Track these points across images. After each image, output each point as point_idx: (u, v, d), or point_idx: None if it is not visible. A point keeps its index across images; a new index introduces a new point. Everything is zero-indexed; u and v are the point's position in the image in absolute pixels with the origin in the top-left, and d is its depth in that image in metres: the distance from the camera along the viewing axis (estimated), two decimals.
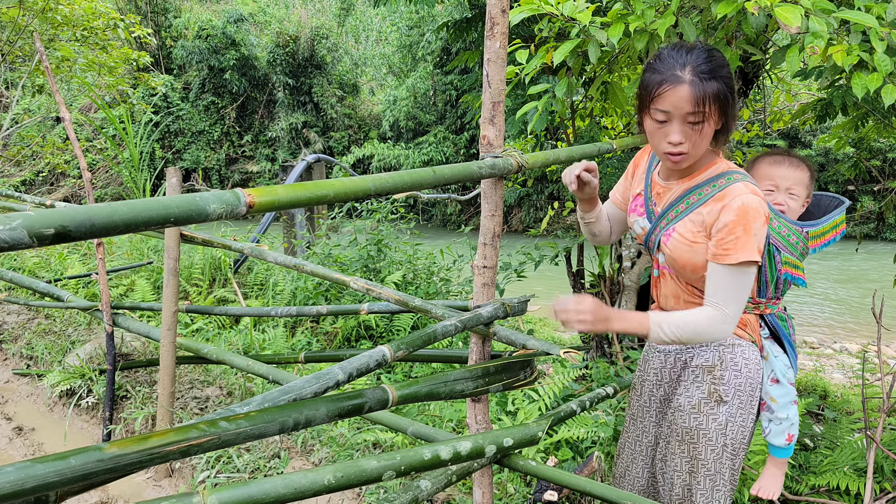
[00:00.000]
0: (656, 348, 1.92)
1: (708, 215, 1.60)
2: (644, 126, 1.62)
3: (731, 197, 1.55)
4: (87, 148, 12.45)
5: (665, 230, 1.71)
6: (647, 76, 1.56)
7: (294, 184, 1.25)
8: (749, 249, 1.53)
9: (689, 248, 1.64)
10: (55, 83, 3.41)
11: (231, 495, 1.16)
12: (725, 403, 1.73)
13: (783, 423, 1.84)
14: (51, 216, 0.90)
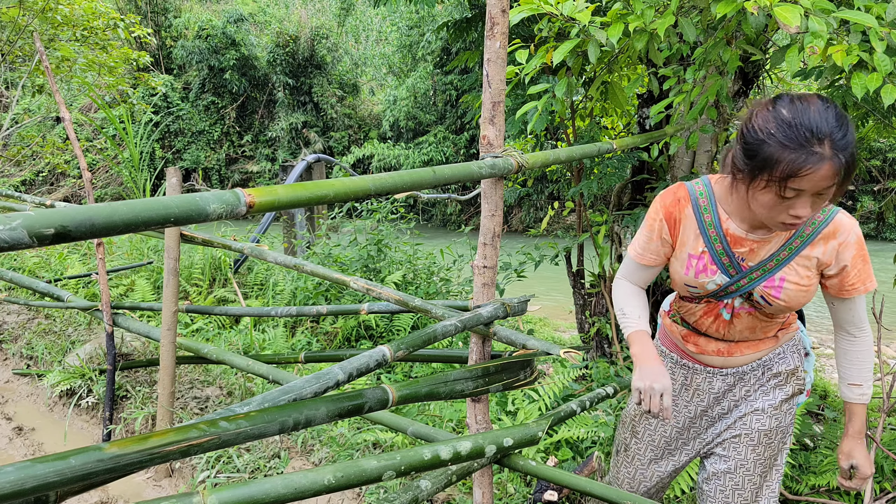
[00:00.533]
0: (714, 371, 1.83)
1: (823, 255, 1.55)
2: (756, 196, 1.45)
3: (845, 233, 1.54)
4: (87, 148, 12.45)
5: (762, 280, 1.60)
6: (772, 149, 1.37)
7: (294, 184, 1.25)
8: (872, 276, 1.61)
9: (805, 292, 1.59)
10: (55, 83, 3.41)
11: (231, 495, 1.16)
12: (803, 393, 1.84)
13: (808, 386, 1.95)
14: (51, 216, 0.90)
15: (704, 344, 1.80)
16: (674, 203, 1.67)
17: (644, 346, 1.65)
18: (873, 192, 16.81)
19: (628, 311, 1.76)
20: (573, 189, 3.48)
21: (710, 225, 1.62)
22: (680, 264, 1.68)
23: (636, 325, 1.71)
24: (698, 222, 1.64)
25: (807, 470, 2.96)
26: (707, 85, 2.58)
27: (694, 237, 1.65)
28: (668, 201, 1.68)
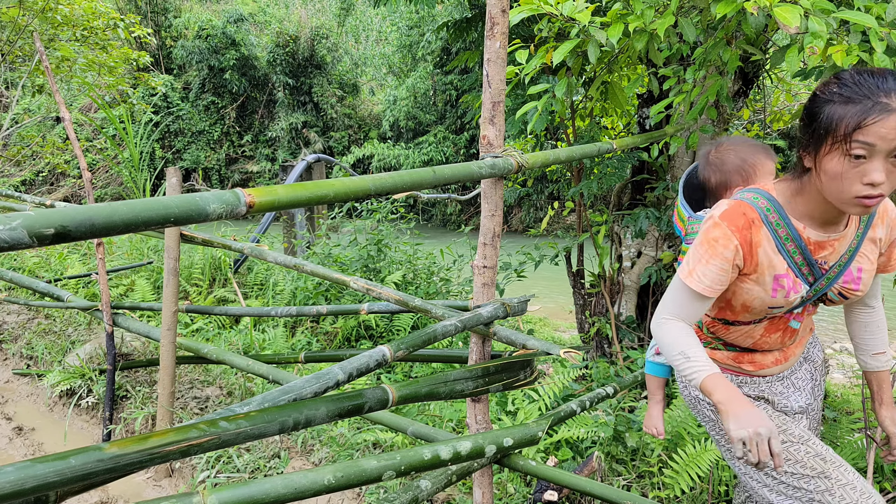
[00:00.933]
0: (774, 378, 1.76)
1: (884, 234, 1.54)
2: (824, 167, 1.33)
3: (893, 209, 1.55)
4: (87, 148, 12.45)
5: (839, 277, 1.53)
6: (834, 108, 1.29)
7: (294, 184, 1.25)
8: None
9: (873, 275, 1.57)
10: (55, 83, 3.41)
11: (231, 495, 1.16)
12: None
13: None
14: (51, 216, 0.90)
15: (761, 359, 1.70)
16: (746, 226, 1.49)
17: (729, 390, 1.42)
18: None
19: (692, 353, 1.49)
20: (573, 189, 3.48)
21: (786, 239, 1.50)
22: (763, 289, 1.53)
23: (708, 368, 1.47)
24: (775, 240, 1.50)
25: None
26: (707, 85, 2.58)
27: (775, 257, 1.51)
28: (740, 224, 1.48)
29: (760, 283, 1.52)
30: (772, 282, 1.51)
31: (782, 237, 1.49)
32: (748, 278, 1.52)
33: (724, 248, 1.48)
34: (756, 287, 1.53)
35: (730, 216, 1.49)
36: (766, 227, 1.49)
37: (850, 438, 3.15)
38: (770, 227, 1.49)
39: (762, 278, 1.51)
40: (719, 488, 2.73)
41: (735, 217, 1.48)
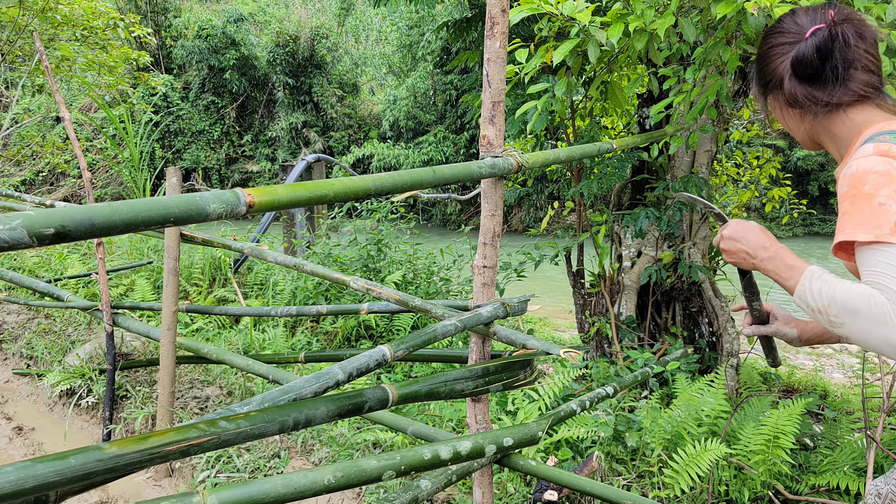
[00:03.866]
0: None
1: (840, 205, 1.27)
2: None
3: (848, 165, 1.20)
4: (87, 147, 12.45)
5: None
6: None
7: (294, 184, 1.25)
8: (856, 223, 1.12)
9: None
10: (55, 83, 3.41)
11: (231, 495, 1.16)
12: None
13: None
14: (50, 216, 0.90)
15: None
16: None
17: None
18: None
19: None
20: (573, 189, 3.48)
21: None
22: None
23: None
24: None
25: (807, 470, 2.96)
26: (707, 85, 2.58)
27: None
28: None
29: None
30: None
31: None
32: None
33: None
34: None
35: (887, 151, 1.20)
36: None
37: (850, 438, 3.15)
38: None
39: None
40: (719, 488, 2.73)
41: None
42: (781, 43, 1.32)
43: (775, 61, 1.32)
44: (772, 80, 1.34)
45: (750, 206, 16.83)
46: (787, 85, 1.30)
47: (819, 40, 1.25)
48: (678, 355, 3.27)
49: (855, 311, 1.07)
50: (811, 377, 4.94)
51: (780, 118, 1.41)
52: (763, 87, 1.38)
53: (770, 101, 1.40)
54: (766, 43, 1.36)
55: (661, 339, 3.84)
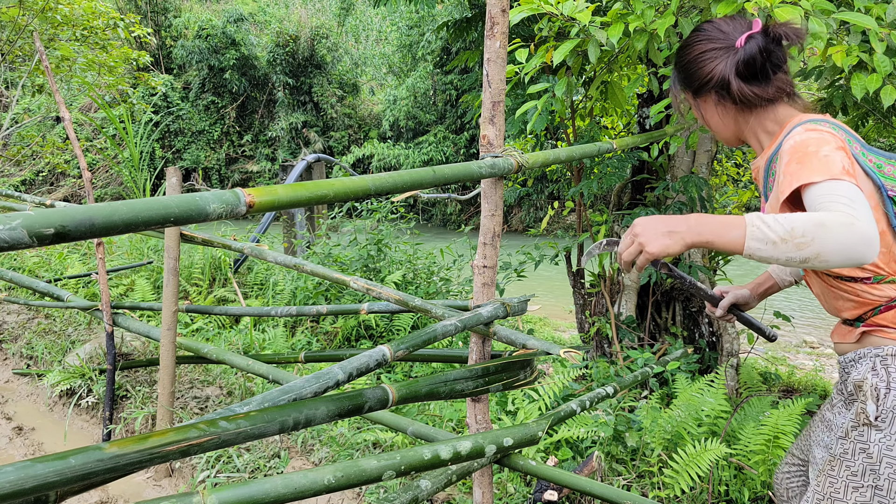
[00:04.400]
0: (838, 361, 1.52)
1: (777, 185, 1.35)
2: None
3: (787, 144, 1.32)
4: (87, 147, 12.45)
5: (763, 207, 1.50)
6: None
7: (294, 183, 1.25)
8: (810, 171, 1.20)
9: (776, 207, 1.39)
10: (55, 83, 3.41)
11: (231, 495, 1.16)
12: (878, 430, 1.34)
13: None
14: (50, 216, 0.90)
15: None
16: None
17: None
18: None
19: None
20: (573, 189, 3.48)
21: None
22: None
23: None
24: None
25: None
26: None
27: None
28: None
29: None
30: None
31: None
32: None
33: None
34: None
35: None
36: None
37: None
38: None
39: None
40: (719, 488, 2.73)
41: None
42: (712, 48, 1.44)
43: (710, 64, 1.44)
44: (708, 81, 1.45)
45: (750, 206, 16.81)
46: (734, 85, 1.40)
47: (761, 43, 1.37)
48: (678, 355, 3.27)
49: (821, 223, 1.11)
50: (811, 377, 4.94)
51: (706, 116, 1.53)
52: (694, 89, 1.50)
53: (700, 101, 1.51)
54: (694, 49, 1.48)
55: (661, 339, 3.84)
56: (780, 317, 3.96)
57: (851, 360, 1.44)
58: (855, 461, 1.37)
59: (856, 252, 1.10)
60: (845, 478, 1.38)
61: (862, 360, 1.41)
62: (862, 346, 1.41)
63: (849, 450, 1.38)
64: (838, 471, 1.40)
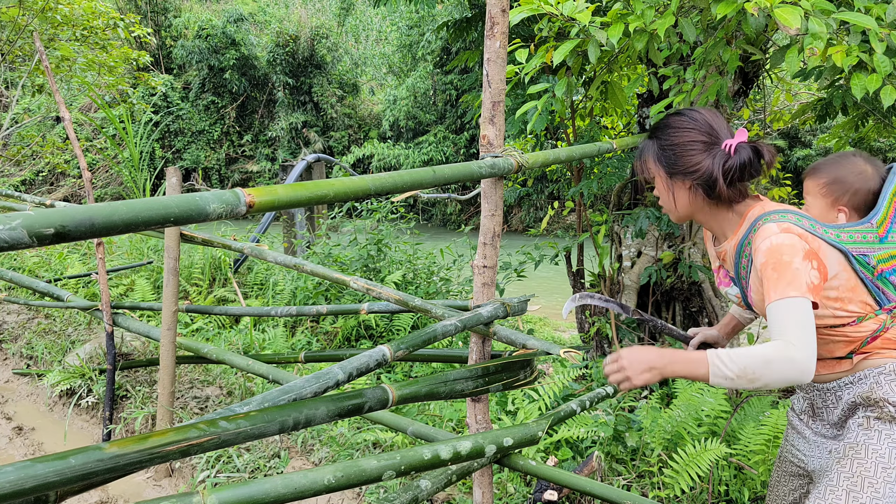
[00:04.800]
0: (815, 388, 1.72)
1: (755, 279, 1.57)
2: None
3: (761, 239, 1.52)
4: (87, 147, 12.45)
5: (747, 290, 1.66)
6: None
7: (294, 183, 1.25)
8: (785, 285, 1.44)
9: (763, 303, 1.57)
10: (55, 83, 3.41)
11: (231, 495, 1.16)
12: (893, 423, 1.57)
13: None
14: (50, 216, 0.90)
15: None
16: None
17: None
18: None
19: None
20: (573, 189, 3.48)
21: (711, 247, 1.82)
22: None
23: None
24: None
25: None
26: (707, 85, 2.58)
27: (713, 256, 1.81)
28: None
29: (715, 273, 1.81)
30: (715, 275, 1.81)
31: (709, 243, 1.82)
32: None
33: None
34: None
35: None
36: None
37: None
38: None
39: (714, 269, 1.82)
40: (719, 488, 2.73)
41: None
42: (701, 141, 1.59)
43: (697, 156, 1.59)
44: (693, 172, 1.59)
45: None
46: (719, 184, 1.56)
47: (750, 155, 1.55)
48: None
49: (767, 361, 1.39)
50: None
51: (673, 196, 1.66)
52: (674, 171, 1.62)
53: (673, 182, 1.64)
54: (683, 135, 1.61)
55: (661, 339, 3.84)
56: None
57: (847, 384, 1.65)
58: (882, 445, 1.56)
59: (794, 380, 1.41)
60: (875, 460, 1.56)
61: (862, 381, 1.62)
62: (858, 370, 1.63)
63: (873, 437, 1.57)
64: (865, 455, 1.57)
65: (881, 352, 1.61)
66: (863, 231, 1.67)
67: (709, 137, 1.59)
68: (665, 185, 1.65)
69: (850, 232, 1.66)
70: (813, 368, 1.40)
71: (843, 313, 1.58)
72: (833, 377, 1.68)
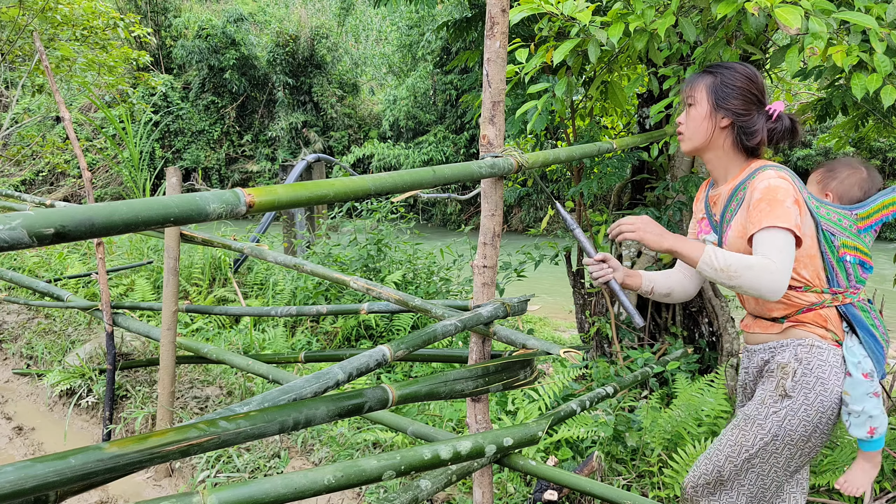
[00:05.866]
0: (745, 348, 1.97)
1: (744, 213, 1.75)
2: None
3: (759, 181, 1.72)
4: (86, 147, 12.45)
5: (726, 230, 1.83)
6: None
7: (294, 184, 1.25)
8: (775, 217, 1.63)
9: (740, 239, 1.76)
10: (55, 83, 3.41)
11: (231, 495, 1.16)
12: (790, 398, 1.77)
13: (861, 416, 1.80)
14: (50, 216, 0.90)
15: (744, 318, 1.98)
16: (701, 187, 2.08)
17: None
18: None
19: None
20: (573, 189, 3.48)
21: (706, 195, 2.00)
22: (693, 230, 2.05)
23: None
24: (704, 196, 2.02)
25: None
26: None
27: (700, 209, 2.02)
28: (700, 187, 2.09)
29: (698, 226, 2.01)
30: (698, 228, 2.00)
31: (706, 194, 2.00)
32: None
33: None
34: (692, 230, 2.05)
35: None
36: (705, 188, 2.04)
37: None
38: (706, 188, 2.03)
39: (697, 222, 2.02)
40: None
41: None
42: (756, 94, 1.81)
43: (749, 106, 1.81)
44: (742, 114, 1.80)
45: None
46: (757, 136, 1.80)
47: (787, 124, 1.82)
48: (678, 355, 3.27)
49: (750, 266, 1.62)
50: None
51: (708, 124, 1.84)
52: (723, 106, 1.81)
53: (717, 114, 1.82)
54: (746, 82, 1.81)
55: (661, 339, 3.84)
56: None
57: (773, 348, 1.85)
58: (767, 421, 1.79)
59: (765, 293, 1.62)
60: (755, 432, 1.79)
61: (786, 348, 1.81)
62: (785, 337, 1.83)
63: (762, 412, 1.80)
64: (751, 427, 1.81)
65: (809, 325, 1.79)
66: (841, 214, 1.85)
67: (761, 96, 1.80)
68: (704, 113, 1.82)
69: (829, 210, 1.84)
70: (783, 289, 1.60)
71: (795, 276, 1.75)
72: (763, 339, 1.89)
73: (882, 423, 1.83)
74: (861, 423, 1.81)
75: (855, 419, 1.81)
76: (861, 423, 1.81)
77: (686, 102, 1.85)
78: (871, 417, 1.81)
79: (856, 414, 1.80)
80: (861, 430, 1.83)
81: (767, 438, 1.79)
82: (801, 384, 1.76)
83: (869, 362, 1.80)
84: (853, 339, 1.82)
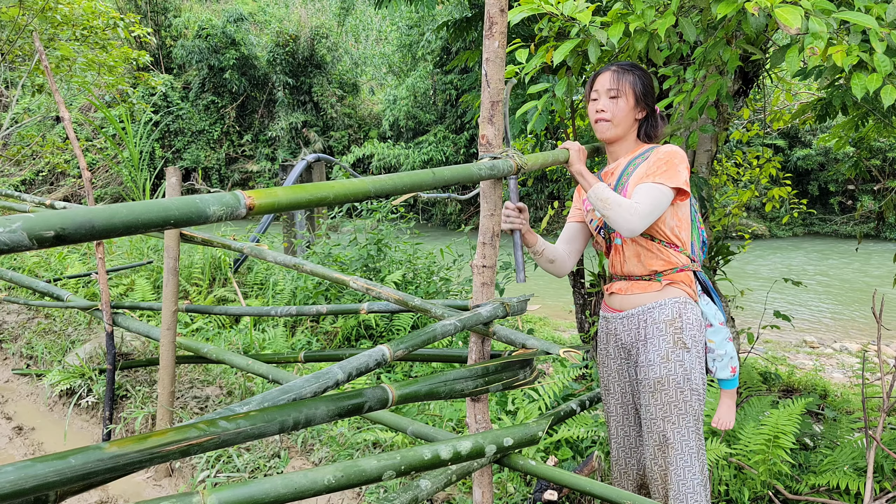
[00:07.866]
0: (617, 316, 2.16)
1: (646, 166, 2.02)
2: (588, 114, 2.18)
3: (661, 149, 2.03)
4: (86, 147, 12.45)
5: (626, 184, 2.06)
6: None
7: (293, 185, 1.25)
8: (666, 176, 1.94)
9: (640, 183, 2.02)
10: (55, 82, 3.41)
11: (231, 495, 1.17)
12: (688, 350, 2.01)
13: (724, 359, 2.13)
14: (50, 218, 0.90)
15: (614, 285, 2.19)
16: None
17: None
18: (873, 191, 16.80)
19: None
20: (573, 189, 3.48)
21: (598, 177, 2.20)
22: (584, 213, 2.29)
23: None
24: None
25: (807, 469, 2.97)
26: (707, 84, 2.58)
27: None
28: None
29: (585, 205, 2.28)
30: (585, 207, 2.27)
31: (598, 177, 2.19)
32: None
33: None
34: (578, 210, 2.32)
35: None
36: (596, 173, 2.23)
37: (850, 438, 3.15)
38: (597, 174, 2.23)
39: (585, 201, 2.27)
40: (719, 488, 2.74)
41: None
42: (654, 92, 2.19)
43: (654, 104, 2.17)
44: (653, 109, 2.15)
45: (750, 206, 16.81)
46: (660, 123, 2.17)
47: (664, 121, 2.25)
48: None
49: (619, 203, 1.90)
50: (811, 377, 4.94)
51: (626, 112, 2.08)
52: (646, 102, 2.11)
53: (637, 106, 2.09)
54: (652, 82, 2.15)
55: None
56: (780, 316, 3.96)
57: (653, 308, 2.06)
58: (677, 375, 1.99)
59: (622, 228, 1.91)
60: (674, 391, 2.00)
61: (665, 306, 2.05)
62: (664, 296, 2.06)
63: (671, 369, 2.00)
64: (668, 387, 2.00)
65: (681, 284, 2.07)
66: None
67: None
68: (628, 104, 2.07)
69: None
70: (636, 231, 1.90)
71: (675, 237, 2.05)
72: (642, 300, 2.09)
73: (737, 362, 2.17)
74: (725, 365, 2.13)
75: (720, 363, 2.13)
76: (725, 366, 2.13)
77: (609, 95, 2.07)
78: (732, 358, 2.14)
79: (720, 357, 2.12)
80: (725, 371, 2.14)
81: (686, 392, 2.00)
82: (690, 336, 2.03)
83: (721, 314, 2.16)
84: (705, 297, 2.17)
